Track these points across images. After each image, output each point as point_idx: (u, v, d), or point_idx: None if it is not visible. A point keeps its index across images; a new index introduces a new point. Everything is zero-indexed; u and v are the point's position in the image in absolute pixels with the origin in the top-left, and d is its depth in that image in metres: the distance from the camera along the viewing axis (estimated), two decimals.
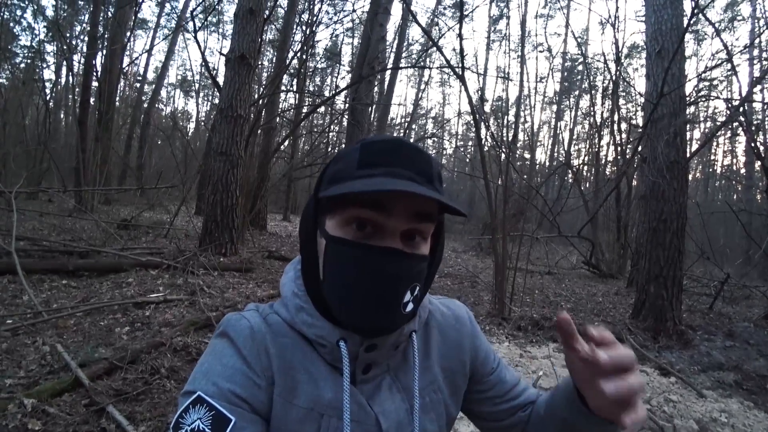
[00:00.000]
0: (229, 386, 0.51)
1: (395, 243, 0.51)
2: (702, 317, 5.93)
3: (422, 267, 0.54)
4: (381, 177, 0.51)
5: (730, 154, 22.02)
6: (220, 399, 0.50)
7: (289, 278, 0.61)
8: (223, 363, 0.53)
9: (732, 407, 3.02)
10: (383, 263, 0.50)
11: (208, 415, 0.49)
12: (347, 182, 0.52)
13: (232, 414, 0.49)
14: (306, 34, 9.39)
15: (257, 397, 0.52)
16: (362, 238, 0.52)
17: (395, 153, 0.53)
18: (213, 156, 6.11)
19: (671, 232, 4.94)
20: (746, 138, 7.04)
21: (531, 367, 3.31)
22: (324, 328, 0.55)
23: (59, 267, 4.35)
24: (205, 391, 0.50)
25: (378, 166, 0.52)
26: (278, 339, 0.57)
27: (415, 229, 0.53)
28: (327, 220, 0.54)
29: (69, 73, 13.15)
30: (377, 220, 0.51)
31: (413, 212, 0.52)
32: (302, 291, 0.58)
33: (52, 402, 2.02)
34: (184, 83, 27.05)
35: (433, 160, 0.55)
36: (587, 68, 13.86)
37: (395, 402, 0.59)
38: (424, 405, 0.62)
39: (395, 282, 0.51)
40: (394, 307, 0.52)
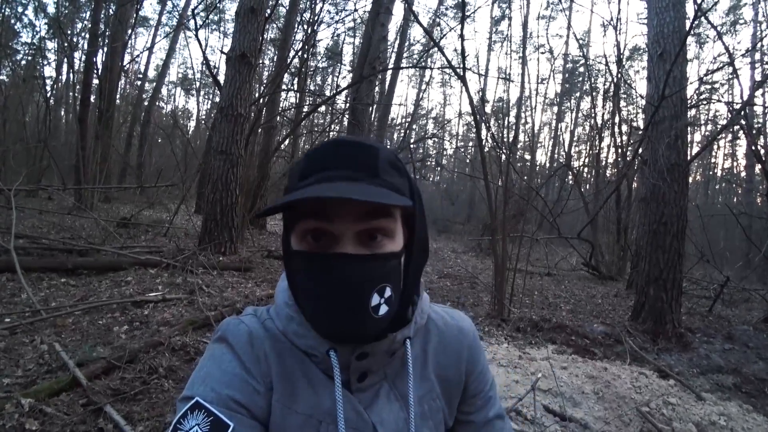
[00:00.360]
0: (228, 392, 0.51)
1: (347, 247, 0.50)
2: (701, 320, 5.92)
3: (389, 266, 0.52)
4: (312, 185, 0.50)
5: (731, 157, 22.03)
6: (218, 405, 0.49)
7: (282, 287, 0.60)
8: (222, 368, 0.53)
9: (731, 410, 3.01)
10: (333, 270, 0.49)
11: (207, 420, 0.48)
12: (287, 195, 0.52)
13: (231, 420, 0.49)
14: (307, 33, 9.38)
15: (256, 402, 0.52)
16: (316, 248, 0.51)
17: (332, 155, 0.52)
18: (213, 155, 6.10)
19: (671, 235, 4.94)
20: (747, 141, 7.04)
21: (530, 369, 3.30)
22: (314, 339, 0.55)
23: (58, 265, 4.34)
24: (203, 396, 0.50)
25: (314, 173, 0.51)
26: (277, 344, 0.56)
27: (371, 227, 0.51)
28: (291, 236, 0.54)
29: (70, 71, 13.13)
30: (326, 229, 0.50)
31: (359, 212, 0.50)
32: (292, 301, 0.57)
33: (49, 402, 2.01)
34: (184, 81, 27.03)
35: (381, 151, 0.53)
36: (588, 70, 13.85)
37: (393, 410, 0.58)
38: (423, 413, 0.61)
39: (352, 287, 0.49)
40: (360, 311, 0.50)
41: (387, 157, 0.53)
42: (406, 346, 0.59)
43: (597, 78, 17.33)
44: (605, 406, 2.90)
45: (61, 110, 18.06)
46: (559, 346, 4.16)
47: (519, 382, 3.02)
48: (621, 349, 4.19)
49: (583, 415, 2.74)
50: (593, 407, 2.88)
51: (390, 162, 0.53)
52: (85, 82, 10.29)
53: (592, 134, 15.10)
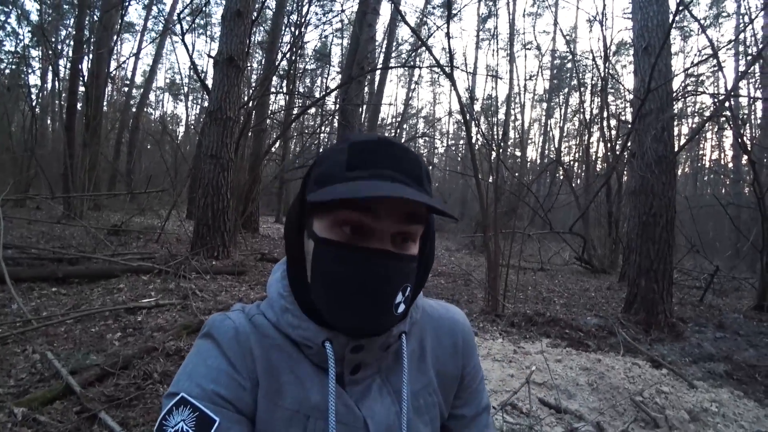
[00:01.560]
0: (213, 387, 0.51)
1: (385, 244, 0.51)
2: (693, 310, 6.01)
3: (412, 267, 0.54)
4: (369, 180, 0.50)
5: (718, 149, 22.34)
6: (204, 400, 0.49)
7: (276, 279, 0.60)
8: (208, 364, 0.53)
9: (722, 397, 3.06)
10: (374, 264, 0.50)
11: (192, 416, 0.48)
12: (335, 185, 0.51)
13: (217, 415, 0.49)
14: (295, 35, 9.37)
15: (242, 398, 0.52)
16: (352, 240, 0.51)
17: (384, 154, 0.52)
18: (203, 159, 6.07)
19: (661, 226, 5.00)
20: (733, 132, 7.15)
21: (525, 363, 3.33)
22: (309, 329, 0.55)
23: (49, 274, 4.30)
24: (188, 392, 0.50)
25: (366, 167, 0.51)
26: (263, 340, 0.56)
27: (405, 231, 0.52)
28: (315, 222, 0.53)
29: (55, 79, 13.02)
30: (367, 223, 0.50)
31: (403, 214, 0.51)
32: (288, 292, 0.57)
33: (42, 410, 2.00)
34: (172, 87, 26.83)
35: (421, 160, 0.55)
36: (576, 66, 13.98)
37: (385, 405, 0.58)
38: (419, 407, 0.61)
39: (386, 283, 0.51)
40: (386, 308, 0.51)
41: (425, 168, 0.55)
42: (401, 340, 0.59)
43: (585, 73, 17.51)
44: (599, 397, 2.93)
45: (47, 119, 17.85)
46: (554, 339, 4.19)
47: (514, 376, 3.05)
48: (614, 340, 4.23)
49: (578, 406, 2.77)
50: (588, 398, 2.91)
51: (427, 172, 0.56)
52: (71, 89, 10.18)
53: (581, 129, 15.26)
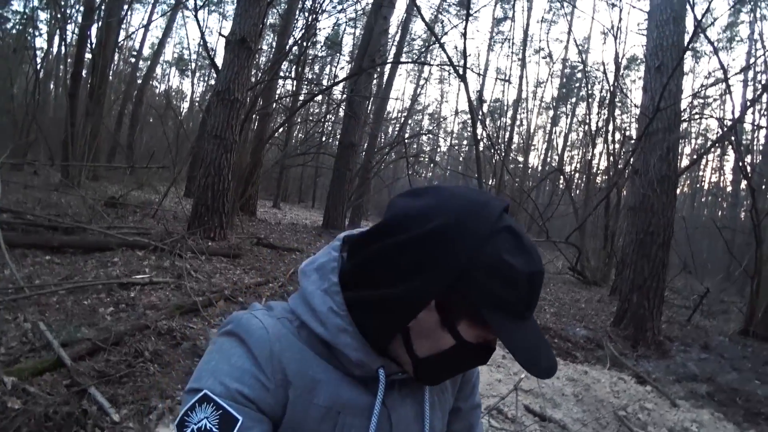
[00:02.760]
0: (237, 386, 0.50)
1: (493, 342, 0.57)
2: (680, 329, 6.07)
3: None
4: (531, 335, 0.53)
5: (719, 172, 22.42)
6: (227, 398, 0.49)
7: (317, 287, 0.57)
8: (231, 363, 0.52)
9: (703, 418, 3.11)
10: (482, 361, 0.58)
11: (216, 414, 0.48)
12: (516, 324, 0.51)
13: (240, 414, 0.49)
14: (308, 21, 9.28)
15: (265, 398, 0.52)
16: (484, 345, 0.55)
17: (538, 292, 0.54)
18: (207, 139, 6.02)
19: (657, 245, 5.04)
20: (735, 157, 7.20)
21: (513, 369, 3.36)
22: (368, 355, 0.55)
23: (43, 242, 4.26)
24: (212, 389, 0.50)
25: (530, 308, 0.53)
26: (294, 341, 0.56)
27: None
28: (464, 323, 0.53)
29: (62, 43, 12.78)
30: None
31: None
32: (344, 311, 0.55)
33: (32, 381, 1.99)
34: (180, 62, 26.49)
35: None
36: (586, 76, 13.95)
37: (405, 402, 0.61)
38: (433, 404, 0.64)
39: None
40: None
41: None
42: None
43: (594, 85, 17.47)
44: (584, 409, 2.97)
45: (51, 84, 17.60)
46: None
47: (502, 381, 3.08)
48: (602, 353, 4.28)
49: (562, 416, 2.81)
50: (572, 409, 2.95)
51: None
52: (78, 56, 10.03)
53: (586, 140, 15.27)
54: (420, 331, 0.54)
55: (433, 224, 0.50)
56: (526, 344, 0.51)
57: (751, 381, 4.28)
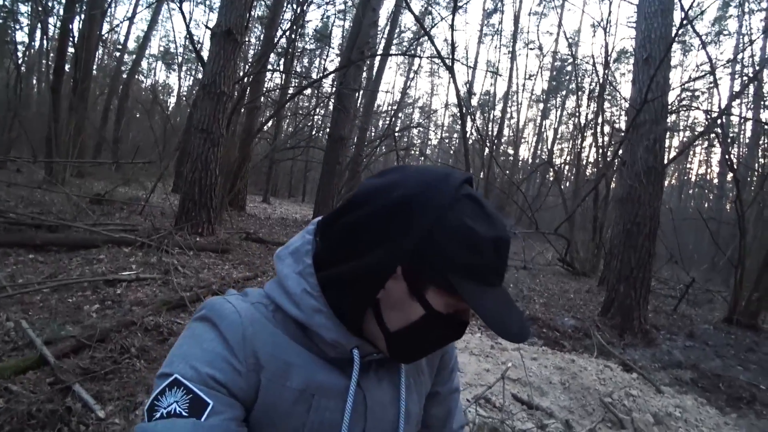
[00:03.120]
0: (208, 370, 0.50)
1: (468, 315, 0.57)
2: (666, 318, 6.18)
3: None
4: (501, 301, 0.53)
5: (705, 164, 22.80)
6: (198, 383, 0.49)
7: (292, 270, 0.58)
8: (203, 347, 0.52)
9: (686, 403, 3.17)
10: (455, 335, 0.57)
11: (186, 398, 0.48)
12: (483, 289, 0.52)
13: (210, 398, 0.48)
14: (296, 12, 9.17)
15: (237, 383, 0.51)
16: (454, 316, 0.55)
17: (505, 257, 0.54)
18: (194, 133, 5.95)
19: (643, 235, 5.10)
20: (721, 149, 7.30)
21: (501, 359, 3.40)
22: (343, 336, 0.56)
23: (26, 241, 4.19)
24: (182, 374, 0.49)
25: (498, 273, 0.54)
26: (267, 325, 0.56)
27: None
28: (431, 291, 0.52)
29: (44, 37, 12.52)
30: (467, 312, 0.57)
31: None
32: (318, 292, 0.56)
33: (15, 379, 1.96)
34: (166, 55, 26.08)
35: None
36: (576, 69, 14.01)
37: (381, 384, 0.61)
38: (409, 386, 0.64)
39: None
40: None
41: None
42: None
43: (584, 78, 17.57)
44: (570, 396, 3.02)
45: (33, 78, 17.23)
46: (531, 338, 4.28)
47: (489, 371, 3.11)
48: (589, 342, 4.34)
49: (549, 404, 2.85)
50: (559, 397, 2.99)
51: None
52: (60, 49, 9.80)
53: (575, 133, 15.38)
54: (390, 303, 0.54)
55: (396, 194, 0.52)
56: (496, 309, 0.51)
57: (734, 367, 4.38)
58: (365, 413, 0.58)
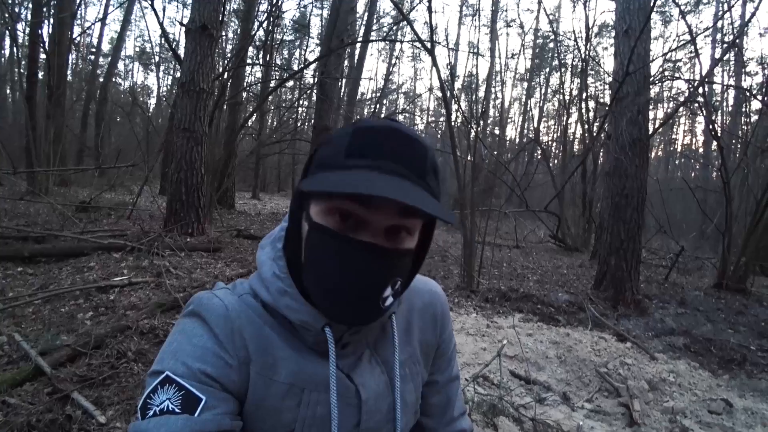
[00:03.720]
0: (199, 366, 0.50)
1: (378, 239, 0.50)
2: (658, 287, 6.30)
3: (406, 261, 0.53)
4: (366, 171, 0.48)
5: (690, 134, 23.03)
6: (189, 379, 0.49)
7: (268, 256, 0.59)
8: (193, 343, 0.52)
9: (680, 368, 3.26)
10: (364, 259, 0.49)
11: (178, 395, 0.48)
12: (333, 172, 0.49)
13: (203, 393, 0.49)
14: (272, 3, 8.99)
15: (229, 376, 0.52)
16: (345, 230, 0.50)
17: (387, 142, 0.50)
18: (175, 133, 5.85)
19: (632, 207, 5.17)
20: (705, 118, 7.38)
21: (497, 337, 3.45)
22: (309, 314, 0.54)
23: (14, 254, 4.12)
24: (173, 370, 0.49)
25: (365, 156, 0.49)
26: (255, 318, 0.56)
27: (402, 225, 0.51)
28: (312, 204, 0.52)
29: (13, 45, 12.14)
30: (361, 214, 0.49)
31: (399, 208, 0.50)
32: (285, 273, 0.56)
33: (12, 392, 1.95)
34: (143, 56, 25.50)
35: (429, 151, 0.52)
36: (558, 46, 13.98)
37: (374, 375, 0.60)
38: (405, 376, 0.63)
39: (375, 278, 0.50)
40: (372, 302, 0.51)
41: (432, 160, 0.53)
42: (391, 319, 0.61)
43: (566, 54, 17.55)
44: (567, 369, 3.08)
45: (6, 88, 16.77)
46: (526, 314, 4.35)
47: (486, 350, 3.16)
48: (583, 316, 4.42)
49: (547, 378, 2.91)
50: (556, 370, 3.05)
51: (433, 165, 0.53)
52: (31, 56, 9.52)
53: (561, 110, 15.42)
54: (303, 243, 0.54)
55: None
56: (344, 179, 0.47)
57: (725, 331, 4.49)
58: (359, 406, 0.58)
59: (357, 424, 0.57)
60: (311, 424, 0.54)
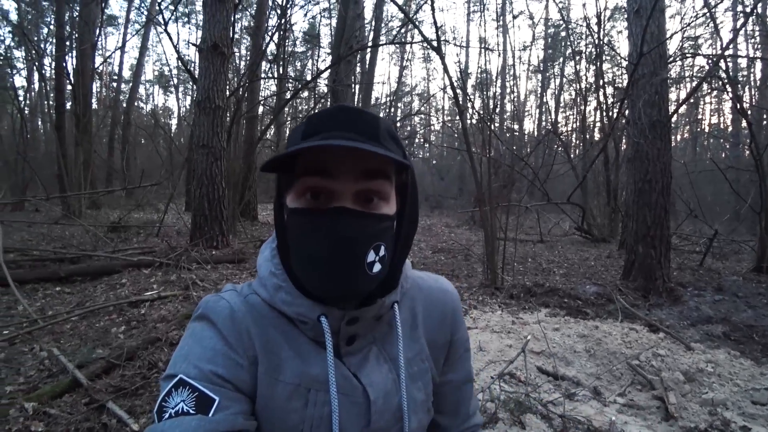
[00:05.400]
0: (211, 367, 0.51)
1: (347, 204, 0.51)
2: (692, 274, 6.05)
3: (383, 226, 0.54)
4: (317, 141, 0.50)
5: (717, 113, 22.08)
6: (202, 380, 0.50)
7: (265, 257, 0.61)
8: (204, 345, 0.53)
9: (719, 357, 3.11)
10: (333, 223, 0.50)
11: (192, 396, 0.49)
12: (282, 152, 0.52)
13: (216, 394, 0.50)
14: (280, 17, 9.17)
15: (240, 376, 0.53)
16: (314, 205, 0.52)
17: (335, 118, 0.53)
18: (195, 150, 6.05)
19: (657, 192, 5.00)
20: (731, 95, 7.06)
21: (523, 333, 3.39)
22: (303, 305, 0.55)
23: (51, 275, 4.34)
24: (186, 373, 0.51)
25: (316, 134, 0.52)
26: (260, 318, 0.57)
27: (369, 188, 0.52)
28: (287, 196, 0.56)
29: (41, 79, 12.79)
30: (326, 186, 0.51)
31: (361, 171, 0.51)
32: (280, 270, 0.58)
33: (52, 403, 2.06)
34: (161, 78, 26.46)
35: (381, 120, 0.55)
36: (570, 34, 13.70)
37: (382, 372, 0.60)
38: (412, 374, 0.62)
39: (350, 241, 0.50)
40: (356, 267, 0.51)
41: (386, 127, 0.55)
42: (394, 310, 0.60)
43: (580, 41, 17.17)
44: (596, 363, 3.00)
45: (37, 120, 17.68)
46: (552, 309, 4.25)
47: (512, 347, 3.10)
48: (613, 307, 4.29)
49: (576, 372, 2.84)
50: (585, 364, 2.97)
51: (389, 131, 0.55)
52: (58, 88, 10.04)
53: (578, 99, 15.07)
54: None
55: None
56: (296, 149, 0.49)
57: (767, 316, 4.27)
58: (368, 406, 0.57)
59: (367, 425, 0.57)
60: (319, 424, 0.55)
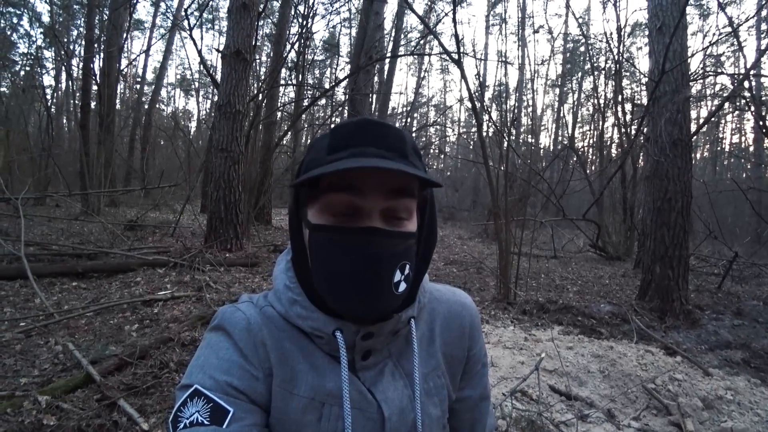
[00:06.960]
0: (226, 378, 0.51)
1: (376, 223, 0.51)
2: (710, 297, 5.89)
3: (408, 244, 0.53)
4: (347, 159, 0.50)
5: (739, 132, 21.66)
6: (217, 391, 0.50)
7: (281, 270, 0.61)
8: (219, 356, 0.53)
9: (738, 384, 3.01)
10: (362, 243, 0.50)
11: (207, 407, 0.49)
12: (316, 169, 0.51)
13: (231, 405, 0.50)
14: (302, 25, 9.33)
15: (255, 388, 0.53)
16: (340, 222, 0.51)
17: (363, 133, 0.52)
18: (214, 153, 6.14)
19: (676, 212, 4.90)
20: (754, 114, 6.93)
21: (535, 350, 3.33)
22: (318, 320, 0.55)
23: (69, 270, 4.43)
24: (202, 384, 0.51)
25: (346, 148, 0.51)
26: (275, 331, 0.57)
27: (395, 206, 0.52)
28: (308, 210, 0.54)
29: (68, 78, 13.23)
30: (353, 203, 0.51)
31: (389, 189, 0.51)
32: (294, 283, 0.57)
33: (65, 398, 2.08)
34: (183, 82, 27.10)
35: (407, 135, 0.54)
36: (589, 49, 13.64)
37: (398, 388, 0.59)
38: (428, 390, 0.62)
39: (378, 261, 0.50)
40: (384, 287, 0.51)
41: (412, 143, 0.55)
42: (410, 325, 0.59)
43: (599, 57, 17.08)
44: (611, 384, 2.92)
45: (63, 118, 18.22)
46: (566, 327, 4.17)
47: (524, 363, 3.05)
48: (628, 327, 4.19)
49: (589, 393, 2.77)
50: (599, 385, 2.90)
51: (414, 147, 0.55)
52: (84, 88, 10.35)
53: (596, 115, 14.94)
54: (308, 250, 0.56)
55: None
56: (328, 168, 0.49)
57: None
58: (382, 423, 0.56)
59: None
60: None
